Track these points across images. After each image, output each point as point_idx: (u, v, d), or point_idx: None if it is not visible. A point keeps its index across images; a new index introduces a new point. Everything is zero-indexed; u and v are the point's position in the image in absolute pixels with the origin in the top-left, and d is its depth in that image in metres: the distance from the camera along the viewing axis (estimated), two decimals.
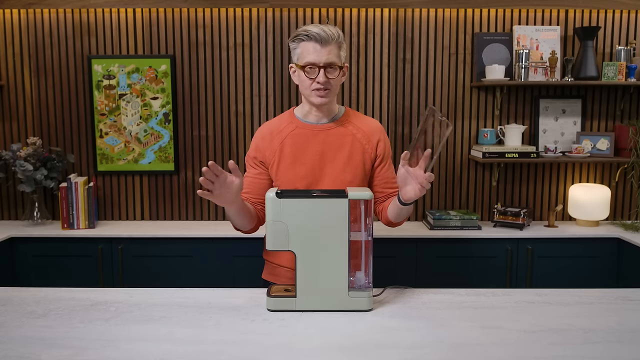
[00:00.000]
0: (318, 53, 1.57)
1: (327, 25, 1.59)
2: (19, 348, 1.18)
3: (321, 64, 1.58)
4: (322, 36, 1.56)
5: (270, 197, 1.38)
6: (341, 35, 1.61)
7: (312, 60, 1.58)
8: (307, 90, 1.63)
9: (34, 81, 3.02)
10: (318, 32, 1.56)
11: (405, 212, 1.60)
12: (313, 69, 1.59)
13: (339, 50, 1.61)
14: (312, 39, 1.56)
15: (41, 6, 2.92)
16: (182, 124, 3.04)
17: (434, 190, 3.09)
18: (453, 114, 3.04)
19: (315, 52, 1.57)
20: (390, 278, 1.91)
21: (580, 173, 3.08)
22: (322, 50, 1.57)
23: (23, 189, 2.85)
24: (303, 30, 1.58)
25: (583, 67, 2.86)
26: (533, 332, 1.27)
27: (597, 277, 2.76)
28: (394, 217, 1.65)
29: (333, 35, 1.58)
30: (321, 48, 1.57)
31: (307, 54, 1.58)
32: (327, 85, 1.60)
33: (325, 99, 1.63)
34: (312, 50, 1.57)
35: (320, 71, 1.58)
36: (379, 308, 1.43)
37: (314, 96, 1.63)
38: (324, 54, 1.57)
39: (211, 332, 1.27)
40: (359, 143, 1.70)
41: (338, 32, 1.60)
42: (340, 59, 1.62)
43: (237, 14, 2.97)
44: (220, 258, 2.74)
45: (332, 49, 1.58)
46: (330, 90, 1.62)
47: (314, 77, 1.59)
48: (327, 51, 1.57)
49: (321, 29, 1.56)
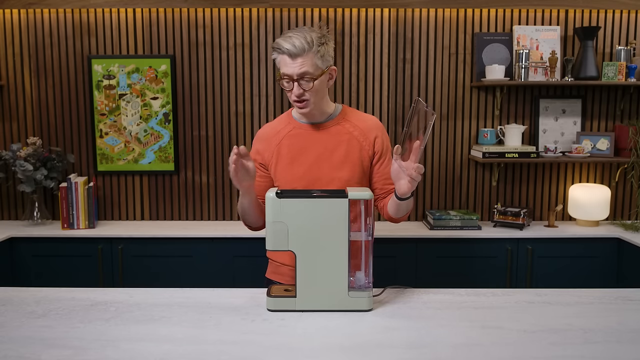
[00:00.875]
0: (289, 66, 1.59)
1: (299, 36, 1.57)
2: (19, 348, 1.18)
3: (294, 77, 1.59)
4: (292, 51, 1.57)
5: (270, 197, 1.38)
6: (314, 42, 1.57)
7: (286, 72, 1.61)
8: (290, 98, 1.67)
9: (34, 81, 3.02)
10: (288, 48, 1.56)
11: (404, 206, 1.60)
12: (289, 82, 1.62)
13: (313, 59, 1.59)
14: (284, 53, 1.59)
15: (41, 6, 2.92)
16: (182, 124, 3.04)
17: (434, 190, 3.10)
18: (453, 114, 3.04)
19: (287, 66, 1.60)
20: (390, 278, 1.91)
21: (580, 173, 3.08)
22: (293, 63, 1.58)
23: (23, 189, 2.86)
24: (275, 43, 1.61)
25: (583, 67, 2.86)
26: (533, 332, 1.27)
27: (597, 277, 2.76)
28: (393, 213, 1.66)
29: (304, 47, 1.56)
30: (292, 61, 1.58)
31: (283, 66, 1.61)
32: (302, 96, 1.62)
33: (306, 109, 1.66)
34: (284, 63, 1.60)
35: (294, 83, 1.61)
36: (379, 308, 1.43)
37: (295, 105, 1.67)
38: (296, 67, 1.58)
39: (211, 332, 1.27)
40: (356, 141, 1.71)
41: (311, 40, 1.57)
42: (318, 67, 1.60)
43: (237, 14, 2.97)
44: (220, 258, 2.74)
45: (305, 61, 1.58)
46: (308, 100, 1.63)
47: (290, 89, 1.63)
48: (299, 64, 1.58)
49: (292, 44, 1.56)
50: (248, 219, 1.72)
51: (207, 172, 3.08)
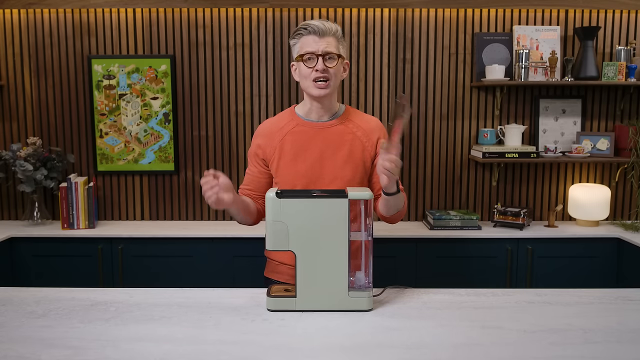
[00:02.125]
0: (317, 43, 1.62)
1: (326, 20, 1.65)
2: (19, 348, 1.18)
3: (319, 52, 1.62)
4: (321, 28, 1.61)
5: (270, 197, 1.38)
6: (339, 31, 1.66)
7: (310, 50, 1.62)
8: (307, 82, 1.66)
9: (34, 81, 3.02)
10: (317, 24, 1.62)
11: (392, 203, 1.60)
12: (312, 58, 1.63)
13: (337, 43, 1.66)
14: (311, 32, 1.62)
15: (41, 6, 2.92)
16: (182, 124, 3.04)
17: (434, 190, 3.10)
18: (453, 114, 3.04)
19: (314, 43, 1.62)
20: (390, 278, 1.91)
21: (580, 173, 3.08)
22: (320, 40, 1.62)
23: (23, 189, 2.85)
24: (302, 24, 1.64)
25: (583, 67, 2.86)
26: (533, 332, 1.27)
27: (597, 277, 2.76)
28: (384, 211, 1.66)
29: (331, 28, 1.63)
30: (319, 39, 1.62)
31: (306, 46, 1.63)
32: (325, 74, 1.63)
33: (325, 90, 1.65)
34: (311, 41, 1.63)
35: (318, 59, 1.62)
36: (379, 308, 1.43)
37: (313, 87, 1.65)
38: (322, 44, 1.62)
39: (211, 332, 1.27)
40: (359, 141, 1.71)
41: (337, 27, 1.65)
42: (339, 51, 1.66)
43: (237, 14, 2.97)
44: (220, 258, 2.74)
45: (331, 41, 1.63)
46: (329, 81, 1.64)
47: (313, 65, 1.63)
48: (326, 42, 1.62)
49: (320, 22, 1.62)
50: (239, 220, 1.75)
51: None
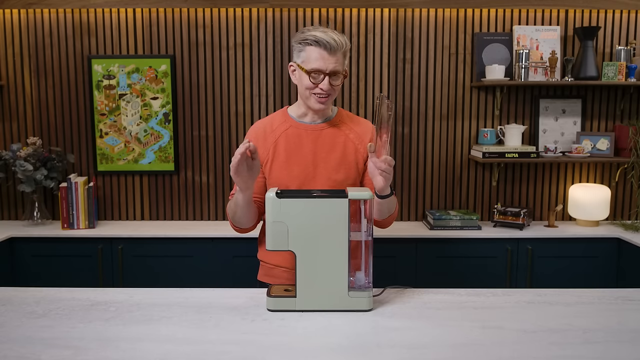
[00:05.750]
0: (325, 60, 1.57)
1: (335, 33, 1.59)
2: (19, 348, 1.18)
3: (327, 72, 1.59)
4: (332, 45, 1.56)
5: (270, 197, 1.38)
6: (348, 45, 1.63)
7: (318, 67, 1.58)
8: (307, 93, 1.64)
9: (34, 81, 3.02)
10: (328, 41, 1.56)
11: (385, 206, 1.57)
12: (318, 75, 1.59)
13: (344, 58, 1.62)
14: (321, 46, 1.57)
15: (41, 6, 2.92)
16: (182, 124, 3.04)
17: (434, 190, 3.10)
18: (453, 114, 3.04)
19: (323, 60, 1.57)
20: (390, 278, 1.92)
21: (580, 173, 3.08)
22: (329, 58, 1.57)
23: (23, 189, 2.85)
24: (312, 35, 1.57)
25: (583, 67, 2.86)
26: (533, 332, 1.27)
27: (597, 277, 2.76)
28: (377, 215, 1.62)
29: (341, 44, 1.58)
30: (329, 56, 1.57)
31: (314, 60, 1.58)
32: (329, 91, 1.62)
33: (325, 105, 1.65)
34: (319, 56, 1.57)
35: (325, 78, 1.59)
36: (379, 308, 1.42)
37: (313, 101, 1.64)
38: (331, 62, 1.58)
39: (211, 332, 1.27)
40: (351, 143, 1.71)
41: (346, 42, 1.61)
42: (344, 66, 1.64)
43: (237, 14, 2.97)
44: (220, 258, 2.74)
45: (339, 58, 1.59)
46: (330, 95, 1.64)
47: (318, 82, 1.60)
48: (335, 60, 1.58)
49: (331, 38, 1.56)
50: (239, 218, 1.65)
51: (207, 172, 3.08)
